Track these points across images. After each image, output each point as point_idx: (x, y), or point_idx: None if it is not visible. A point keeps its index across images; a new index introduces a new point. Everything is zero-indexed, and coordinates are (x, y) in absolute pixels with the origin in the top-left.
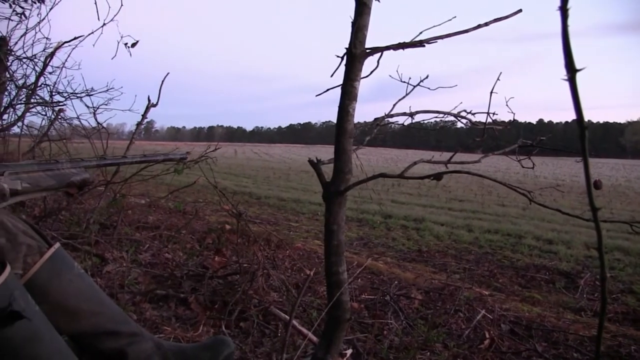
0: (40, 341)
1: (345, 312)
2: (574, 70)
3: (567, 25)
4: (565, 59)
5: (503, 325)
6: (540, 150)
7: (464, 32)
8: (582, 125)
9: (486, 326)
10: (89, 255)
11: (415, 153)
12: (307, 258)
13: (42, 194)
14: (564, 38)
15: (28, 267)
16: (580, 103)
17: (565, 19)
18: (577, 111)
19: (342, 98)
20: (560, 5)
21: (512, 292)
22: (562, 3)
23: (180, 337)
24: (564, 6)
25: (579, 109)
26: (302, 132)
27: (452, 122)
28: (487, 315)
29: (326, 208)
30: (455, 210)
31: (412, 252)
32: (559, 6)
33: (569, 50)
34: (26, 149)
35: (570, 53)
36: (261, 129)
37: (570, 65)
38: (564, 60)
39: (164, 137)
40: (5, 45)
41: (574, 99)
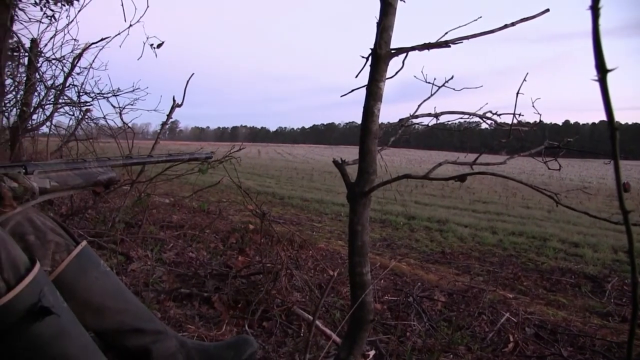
0: (68, 337)
1: (369, 313)
2: (604, 70)
3: (599, 24)
4: (595, 59)
5: (527, 329)
6: (567, 151)
7: (490, 33)
8: (612, 126)
9: (510, 329)
10: (115, 254)
11: (438, 154)
12: (330, 258)
13: (70, 193)
14: (595, 38)
15: (56, 265)
16: (611, 104)
17: (597, 19)
18: (607, 112)
19: (367, 99)
20: (592, 4)
21: (537, 295)
22: (593, 2)
23: (203, 335)
24: (595, 5)
25: (610, 110)
26: (325, 133)
27: (477, 123)
28: (512, 319)
29: (350, 209)
30: (479, 212)
31: (436, 253)
32: (589, 5)
33: (600, 50)
34: (54, 149)
35: (602, 53)
36: (285, 129)
37: (601, 66)
38: (595, 61)
39: (188, 137)
40: (36, 47)
41: (605, 100)
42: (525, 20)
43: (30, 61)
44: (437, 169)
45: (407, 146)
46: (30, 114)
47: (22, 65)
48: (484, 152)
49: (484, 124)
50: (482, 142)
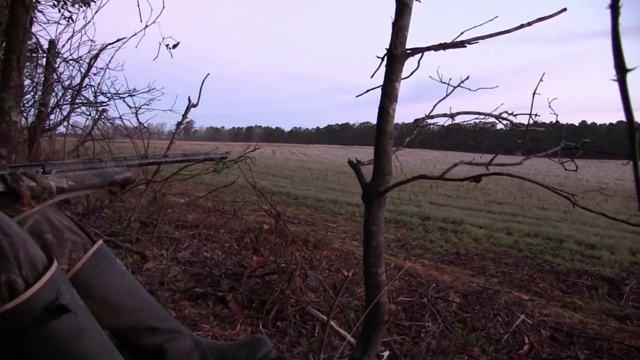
0: (85, 335)
1: (384, 314)
2: (624, 70)
3: (618, 23)
4: (615, 59)
5: (543, 331)
6: (584, 152)
7: (506, 32)
8: (632, 127)
9: (525, 331)
10: (130, 253)
11: (453, 154)
12: (345, 259)
13: (86, 192)
14: (614, 37)
15: (73, 263)
16: (630, 104)
17: (616, 18)
18: (627, 113)
19: (383, 99)
20: (611, 3)
21: (553, 297)
22: (612, 1)
23: (218, 335)
24: (615, 4)
25: (629, 110)
26: (340, 133)
27: (492, 124)
28: (527, 320)
29: (365, 209)
30: (494, 213)
31: (450, 254)
32: (609, 4)
33: (620, 49)
34: (71, 148)
35: (621, 52)
36: (299, 130)
37: (620, 65)
38: (614, 60)
39: (203, 137)
40: (54, 47)
41: (624, 100)
42: (542, 20)
43: (48, 62)
44: (453, 170)
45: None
46: (47, 114)
47: (40, 66)
48: (500, 152)
49: (500, 124)
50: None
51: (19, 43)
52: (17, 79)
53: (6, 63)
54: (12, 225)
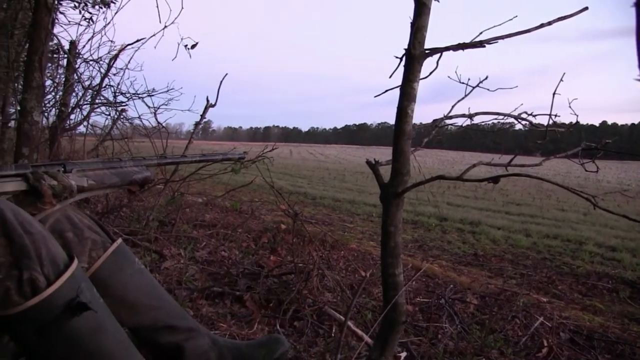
0: (104, 332)
1: (401, 315)
2: None
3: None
4: (638, 58)
5: (562, 334)
6: (605, 153)
7: (525, 32)
8: None
9: (544, 334)
10: (149, 252)
11: (472, 155)
12: (362, 259)
13: (106, 191)
14: (639, 36)
15: (93, 261)
16: None
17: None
18: None
19: (401, 99)
20: (636, 1)
21: (572, 300)
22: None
23: (235, 334)
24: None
25: None
26: (357, 133)
27: (510, 124)
28: (546, 323)
29: (383, 209)
30: (512, 214)
31: (468, 255)
32: (634, 2)
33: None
34: (90, 148)
35: None
36: (317, 130)
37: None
38: (638, 60)
39: (220, 137)
40: (74, 48)
41: None
42: (562, 19)
43: (69, 62)
44: (471, 170)
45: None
46: (68, 114)
47: (61, 67)
48: (519, 153)
49: (518, 125)
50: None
51: (41, 44)
52: (39, 80)
53: (29, 64)
54: (34, 224)
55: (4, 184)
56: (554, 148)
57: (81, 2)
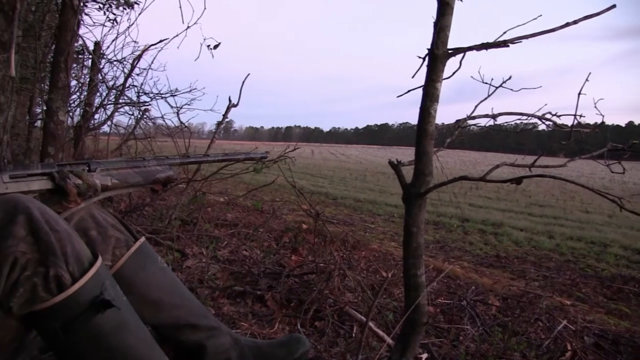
0: (127, 329)
1: (423, 316)
2: None
3: None
4: None
5: (586, 338)
6: (631, 154)
7: (550, 31)
8: None
9: (568, 337)
10: (171, 250)
11: (494, 156)
12: (383, 260)
13: (129, 190)
14: None
15: (116, 259)
16: None
17: None
18: None
19: (424, 99)
20: None
21: (596, 303)
22: None
23: (256, 333)
24: None
25: None
26: (379, 133)
27: (533, 125)
28: (569, 326)
29: (406, 210)
30: (535, 216)
31: (490, 257)
32: None
33: None
34: (114, 147)
35: None
36: (338, 130)
37: None
38: None
39: (242, 136)
40: (99, 49)
41: None
42: (589, 18)
43: (93, 63)
44: (494, 171)
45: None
46: (92, 114)
47: (86, 67)
48: (542, 154)
49: (542, 125)
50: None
51: (66, 45)
52: (64, 80)
53: (55, 65)
54: (60, 222)
55: (31, 182)
56: (577, 149)
57: (106, 3)
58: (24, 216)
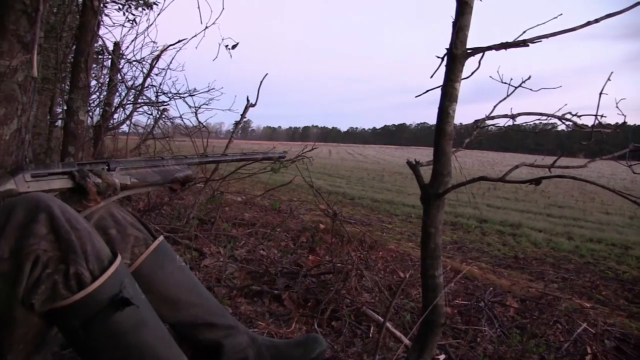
0: (146, 327)
1: (440, 317)
2: None
3: None
4: None
5: (607, 342)
6: None
7: (571, 30)
8: None
9: (588, 340)
10: (189, 249)
11: (513, 156)
12: (400, 260)
13: (148, 189)
14: None
15: (135, 258)
16: None
17: None
18: None
19: (442, 99)
20: None
21: (617, 306)
22: None
23: (273, 332)
24: None
25: None
26: (396, 133)
27: (553, 125)
28: (589, 329)
29: (424, 211)
30: (554, 217)
31: (508, 258)
32: None
33: None
34: (133, 146)
35: None
36: (355, 130)
37: None
38: None
39: (260, 136)
40: (118, 49)
41: None
42: (611, 16)
43: (113, 63)
44: (513, 172)
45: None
46: (111, 113)
47: (106, 67)
48: (562, 154)
49: (561, 125)
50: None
51: (87, 46)
52: (84, 80)
53: (75, 65)
54: (80, 220)
55: (51, 181)
56: (598, 149)
57: (125, 4)
58: (45, 214)
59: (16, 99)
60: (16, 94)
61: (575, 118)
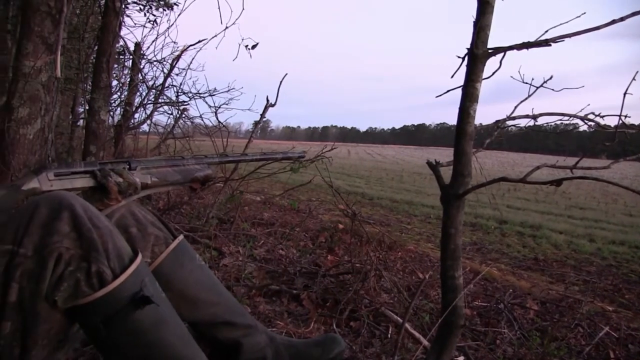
0: (166, 325)
1: (460, 318)
2: None
3: None
4: None
5: (631, 346)
6: None
7: (595, 29)
8: None
9: (610, 345)
10: (208, 248)
11: (532, 157)
12: (419, 261)
13: (168, 189)
14: None
15: (155, 257)
16: None
17: None
18: None
19: (463, 99)
20: None
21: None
22: None
23: (292, 332)
24: None
25: None
26: (415, 134)
27: (574, 125)
28: (612, 333)
29: (444, 211)
30: (575, 218)
31: (528, 260)
32: None
33: None
34: (153, 146)
35: None
36: (375, 130)
37: None
38: None
39: (279, 136)
40: (139, 49)
41: None
42: (637, 14)
43: (134, 63)
44: (534, 173)
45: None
46: (132, 113)
47: (127, 68)
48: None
49: (583, 126)
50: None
51: (108, 46)
52: (106, 80)
53: (97, 65)
54: (102, 219)
55: (74, 180)
56: (621, 150)
57: (146, 5)
58: (68, 213)
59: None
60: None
61: (599, 118)
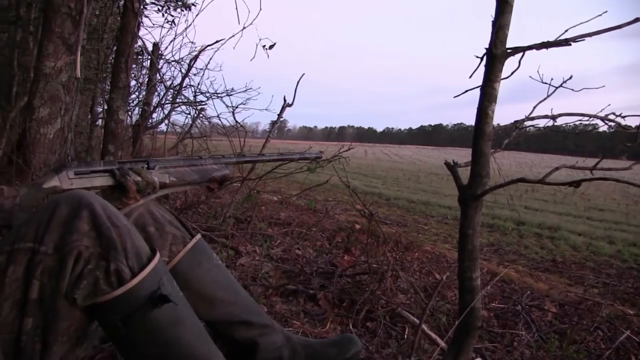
0: (183, 324)
1: (477, 320)
2: None
3: None
4: None
5: None
6: None
7: (616, 28)
8: None
9: (632, 349)
10: (225, 248)
11: (551, 158)
12: (436, 261)
13: (186, 188)
14: None
15: (173, 256)
16: None
17: None
18: None
19: (481, 100)
20: None
21: None
22: None
23: (308, 332)
24: None
25: None
26: (432, 134)
27: (594, 126)
28: (633, 338)
29: (462, 212)
30: (594, 220)
31: (546, 261)
32: None
33: None
34: (171, 145)
35: None
36: (391, 130)
37: None
38: None
39: (295, 136)
40: (157, 50)
41: None
42: None
43: (152, 63)
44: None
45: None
46: (150, 113)
47: (145, 68)
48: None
49: (603, 126)
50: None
51: (127, 46)
52: (124, 80)
53: (116, 65)
54: (121, 217)
55: (93, 179)
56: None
57: (164, 5)
58: (87, 211)
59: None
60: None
61: (619, 119)
